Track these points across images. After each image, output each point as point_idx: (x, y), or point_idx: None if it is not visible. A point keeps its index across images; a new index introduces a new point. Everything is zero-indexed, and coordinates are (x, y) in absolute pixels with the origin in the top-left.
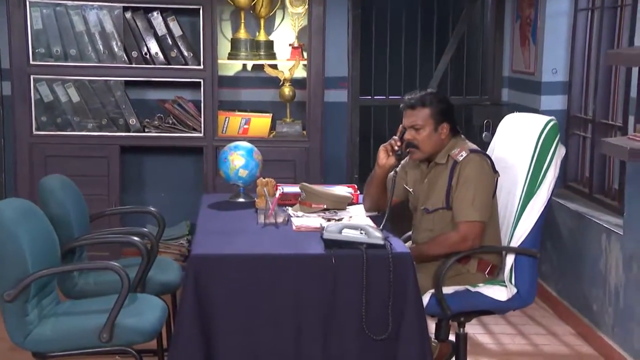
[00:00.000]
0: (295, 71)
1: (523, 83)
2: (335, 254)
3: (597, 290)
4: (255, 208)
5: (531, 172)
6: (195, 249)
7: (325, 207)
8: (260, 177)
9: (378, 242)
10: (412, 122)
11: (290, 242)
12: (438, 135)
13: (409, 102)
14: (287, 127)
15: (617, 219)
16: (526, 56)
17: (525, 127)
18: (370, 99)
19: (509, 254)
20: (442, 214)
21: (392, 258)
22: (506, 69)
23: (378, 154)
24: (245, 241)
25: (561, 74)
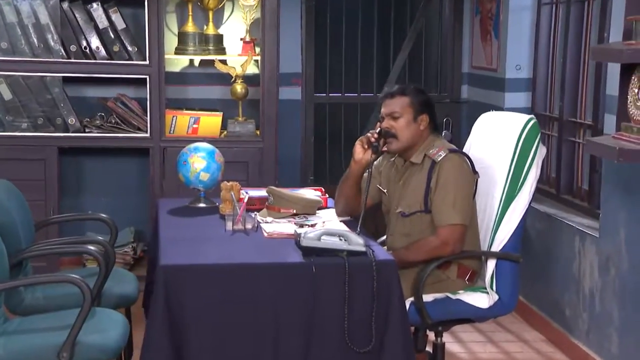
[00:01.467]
0: (247, 67)
1: (485, 80)
2: (315, 262)
3: (570, 294)
4: (219, 214)
5: (512, 173)
6: (164, 259)
7: (295, 211)
8: (224, 181)
9: (359, 249)
10: (390, 110)
11: (264, 250)
12: (417, 126)
13: (389, 91)
14: (240, 126)
15: (590, 221)
16: (488, 52)
17: (503, 127)
18: (325, 96)
19: (489, 259)
20: (420, 218)
21: (375, 266)
22: (465, 65)
23: (354, 149)
24: (216, 250)
25: (525, 71)
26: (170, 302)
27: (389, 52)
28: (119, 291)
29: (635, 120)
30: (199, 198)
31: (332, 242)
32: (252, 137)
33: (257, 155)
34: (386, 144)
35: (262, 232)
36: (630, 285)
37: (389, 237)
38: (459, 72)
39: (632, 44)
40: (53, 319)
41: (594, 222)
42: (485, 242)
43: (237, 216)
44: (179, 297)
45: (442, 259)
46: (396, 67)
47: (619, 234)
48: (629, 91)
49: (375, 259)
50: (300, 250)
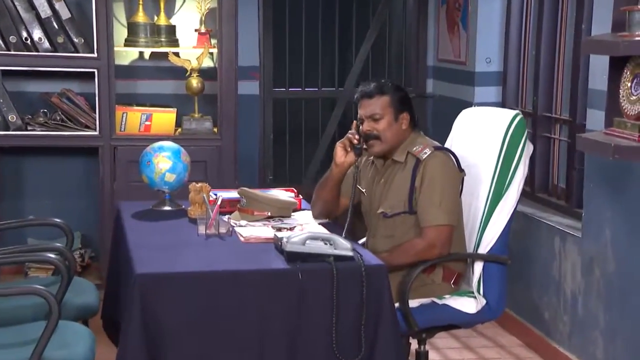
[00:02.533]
0: (203, 60)
1: (452, 73)
2: (301, 269)
3: (550, 297)
4: (188, 217)
5: (498, 172)
6: (140, 267)
7: (270, 214)
8: (192, 182)
9: (347, 253)
10: (371, 111)
11: (244, 256)
12: (399, 125)
13: (365, 91)
14: (196, 123)
15: (570, 220)
16: (455, 44)
17: (487, 123)
18: (284, 91)
19: (476, 262)
20: (404, 219)
21: (365, 271)
22: (431, 58)
23: (335, 152)
24: (193, 256)
25: (496, 64)
26: (147, 314)
27: (352, 45)
28: (79, 302)
29: (629, 115)
30: (164, 200)
31: (317, 247)
32: (209, 134)
33: (215, 155)
34: (368, 147)
35: (238, 236)
36: (616, 286)
37: (369, 240)
38: (424, 66)
39: (627, 35)
40: (10, 334)
41: (574, 221)
42: (470, 243)
43: (210, 220)
44: (157, 307)
45: (429, 262)
46: (359, 60)
47: (604, 233)
48: (621, 85)
49: (365, 264)
50: (283, 256)
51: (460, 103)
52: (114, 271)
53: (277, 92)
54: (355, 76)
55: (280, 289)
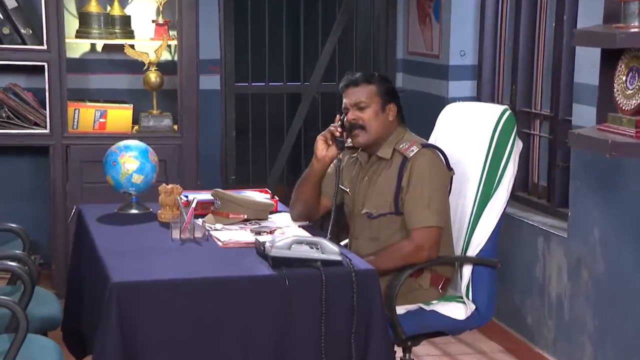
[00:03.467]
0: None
1: (424, 67)
2: (288, 275)
3: (533, 301)
4: (158, 221)
5: (487, 170)
6: (116, 276)
7: (246, 217)
8: (162, 184)
9: (335, 257)
10: (356, 99)
11: (225, 262)
12: (385, 116)
13: (351, 78)
14: (155, 120)
15: (552, 220)
16: (427, 36)
17: (474, 119)
18: (247, 85)
19: (465, 265)
20: (390, 220)
21: (355, 276)
22: (400, 51)
23: (316, 146)
24: (171, 263)
25: (470, 57)
26: (125, 325)
27: (317, 37)
28: (42, 313)
29: (624, 110)
30: (131, 203)
31: (304, 251)
32: (169, 132)
33: (175, 154)
34: (353, 137)
35: (215, 241)
36: (606, 288)
37: (353, 242)
38: (393, 59)
39: (623, 27)
40: None
41: (558, 221)
42: (457, 246)
43: (185, 224)
44: (135, 318)
45: (417, 266)
46: (325, 53)
47: (592, 233)
48: (615, 79)
49: (355, 269)
50: (266, 261)
51: (433, 98)
52: (76, 279)
53: (239, 86)
54: (322, 70)
55: (266, 296)
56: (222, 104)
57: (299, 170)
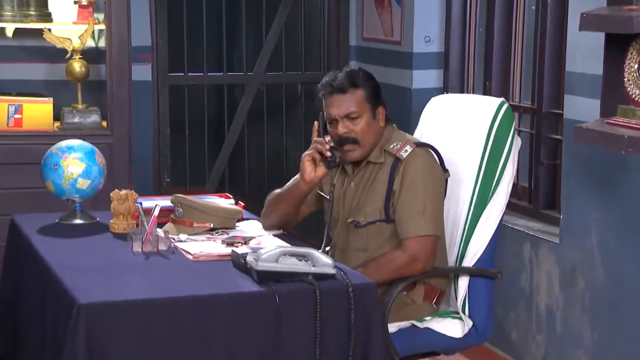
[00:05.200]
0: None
1: (382, 55)
2: (278, 291)
3: (518, 314)
4: (111, 232)
5: (483, 171)
6: (82, 296)
7: (212, 225)
8: (115, 190)
9: (328, 270)
10: (347, 109)
11: (202, 278)
12: (377, 123)
13: (337, 84)
14: (80, 115)
15: (537, 223)
16: (386, 20)
17: (467, 114)
18: (182, 76)
19: (461, 277)
20: (380, 228)
21: (352, 291)
22: (353, 37)
23: (302, 167)
24: (140, 280)
25: (436, 43)
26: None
27: (261, 21)
28: None
29: (636, 101)
30: (75, 212)
31: (293, 264)
32: (97, 129)
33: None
34: (344, 153)
35: (183, 254)
36: (606, 298)
37: (336, 253)
38: (345, 46)
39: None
40: None
41: (543, 224)
42: (450, 255)
43: (147, 235)
44: (107, 343)
45: (410, 279)
46: (270, 40)
47: (589, 238)
48: (625, 67)
49: (351, 283)
50: (249, 276)
51: (394, 89)
52: (10, 302)
53: (174, 77)
54: (266, 58)
55: (254, 315)
56: (154, 97)
57: (242, 171)
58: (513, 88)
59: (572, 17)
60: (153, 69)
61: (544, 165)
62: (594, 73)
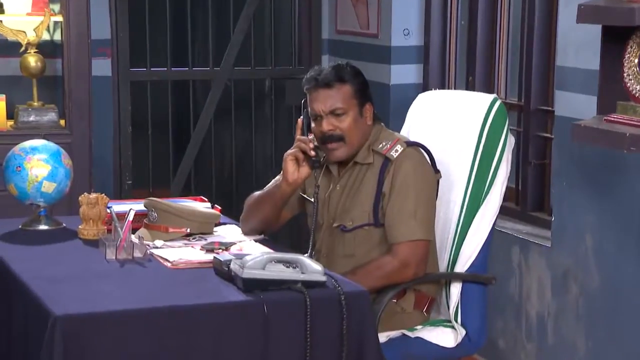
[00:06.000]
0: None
1: (358, 49)
2: (266, 300)
3: (506, 322)
4: (79, 238)
5: (476, 171)
6: (58, 307)
7: (189, 230)
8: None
9: (318, 278)
10: (332, 105)
11: (183, 287)
12: (364, 121)
13: (321, 78)
14: (36, 114)
15: (525, 226)
16: (362, 12)
17: (457, 110)
18: (145, 71)
19: (453, 283)
20: (368, 233)
21: (344, 300)
22: (326, 30)
23: (284, 167)
24: (118, 289)
25: (415, 36)
26: None
27: (229, 13)
28: None
29: (637, 97)
30: (39, 217)
31: (281, 272)
32: (54, 128)
33: None
34: (329, 151)
35: (160, 261)
36: (601, 305)
37: (320, 259)
38: (318, 39)
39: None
40: None
41: (532, 227)
42: (441, 260)
43: (121, 241)
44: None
45: (401, 286)
46: (238, 32)
47: (583, 241)
48: (625, 62)
49: (343, 290)
50: (232, 284)
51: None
52: None
53: (135, 72)
54: (234, 52)
55: (241, 326)
56: (114, 94)
57: (209, 172)
58: (498, 84)
59: (563, 8)
60: (113, 63)
61: (533, 164)
62: (587, 68)
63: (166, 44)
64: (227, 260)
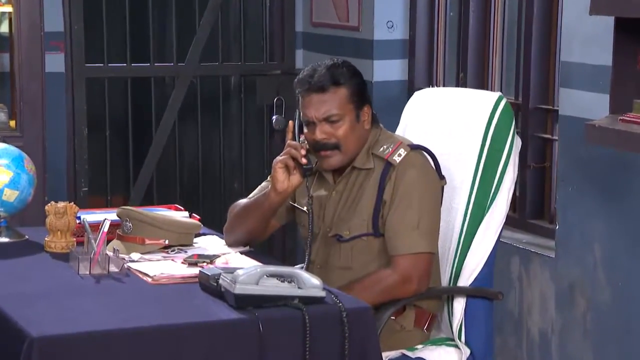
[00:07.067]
0: None
1: (336, 42)
2: (261, 318)
3: (505, 339)
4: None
5: (480, 177)
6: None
7: (167, 242)
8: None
9: (317, 293)
10: (326, 112)
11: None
12: (361, 126)
13: (316, 81)
14: None
15: (525, 235)
16: (340, 3)
17: (459, 110)
18: (102, 67)
19: (457, 298)
20: (367, 244)
21: (346, 317)
22: (300, 22)
23: (273, 175)
24: (96, 308)
25: (400, 30)
26: None
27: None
28: None
29: None
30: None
31: (276, 287)
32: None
33: None
34: (322, 159)
35: (139, 276)
36: (612, 321)
37: (315, 271)
38: (291, 32)
39: None
40: None
41: (533, 236)
42: (443, 273)
43: (95, 254)
44: None
45: (401, 302)
46: (204, 24)
47: (591, 251)
48: None
49: (345, 307)
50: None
51: None
52: None
53: (92, 68)
54: (200, 46)
55: (234, 346)
56: (68, 92)
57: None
58: (492, 81)
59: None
60: (67, 58)
61: (532, 168)
62: (595, 63)
63: (125, 37)
64: (216, 274)
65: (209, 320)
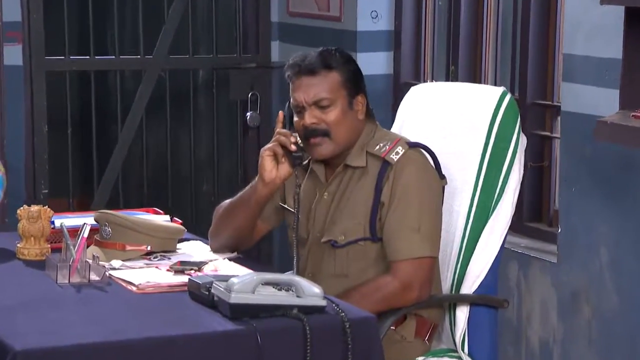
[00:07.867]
0: None
1: (316, 34)
2: (259, 329)
3: (503, 348)
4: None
5: (484, 177)
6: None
7: (150, 248)
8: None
9: (317, 302)
10: (316, 95)
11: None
12: (354, 114)
13: (306, 64)
14: None
15: (524, 239)
16: None
17: (460, 106)
18: (63, 60)
19: (459, 307)
20: (363, 249)
21: (349, 327)
22: (276, 12)
23: (261, 164)
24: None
25: (385, 20)
26: None
27: None
28: None
29: None
30: None
31: (273, 295)
32: None
33: None
34: (312, 147)
35: (122, 285)
36: (619, 328)
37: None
38: (266, 22)
39: None
40: None
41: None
42: (444, 280)
43: (74, 262)
44: None
45: (402, 311)
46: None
47: (597, 256)
48: None
49: (347, 317)
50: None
51: None
52: None
53: (52, 61)
54: (169, 38)
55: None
56: (26, 86)
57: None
58: (485, 74)
59: None
60: (25, 50)
61: (530, 168)
62: (600, 56)
63: (88, 27)
64: (207, 282)
65: (204, 332)
